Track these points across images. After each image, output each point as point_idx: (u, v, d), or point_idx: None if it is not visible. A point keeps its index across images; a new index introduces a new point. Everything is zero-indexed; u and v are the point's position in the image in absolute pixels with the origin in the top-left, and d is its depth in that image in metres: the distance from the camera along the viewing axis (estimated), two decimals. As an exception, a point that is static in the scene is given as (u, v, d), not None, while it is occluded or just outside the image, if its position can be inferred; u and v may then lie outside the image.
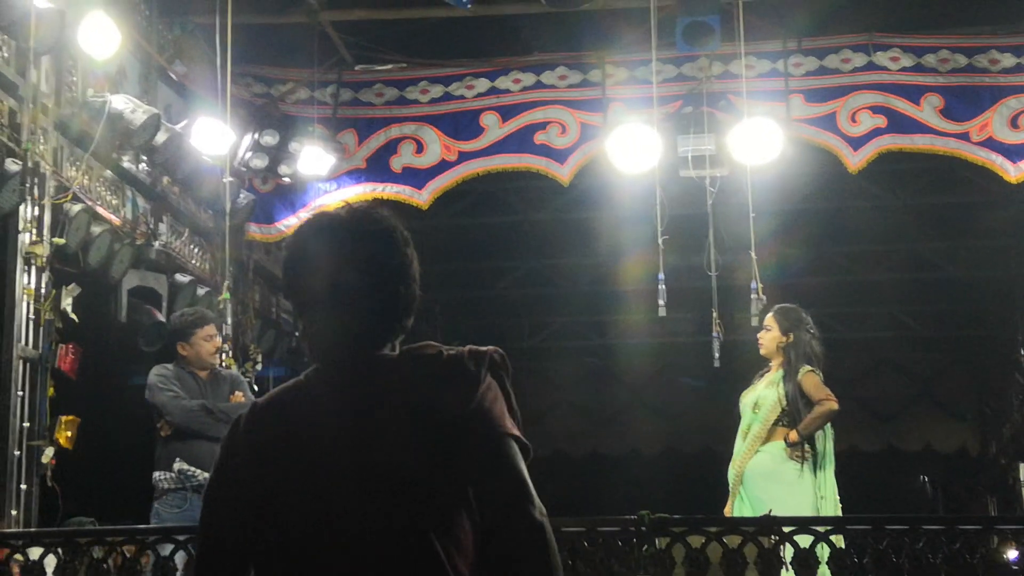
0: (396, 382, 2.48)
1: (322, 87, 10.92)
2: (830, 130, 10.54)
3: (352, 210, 2.64)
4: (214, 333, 7.56)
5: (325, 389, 2.50)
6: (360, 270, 2.54)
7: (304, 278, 2.56)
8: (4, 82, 7.59)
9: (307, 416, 2.47)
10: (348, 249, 2.55)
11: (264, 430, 2.48)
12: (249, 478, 2.45)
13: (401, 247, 2.65)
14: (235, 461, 2.49)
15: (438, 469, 2.42)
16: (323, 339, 2.54)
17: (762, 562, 4.74)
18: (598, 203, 12.96)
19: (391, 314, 2.58)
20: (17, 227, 7.60)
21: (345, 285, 2.52)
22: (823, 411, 7.16)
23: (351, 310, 2.52)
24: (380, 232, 2.61)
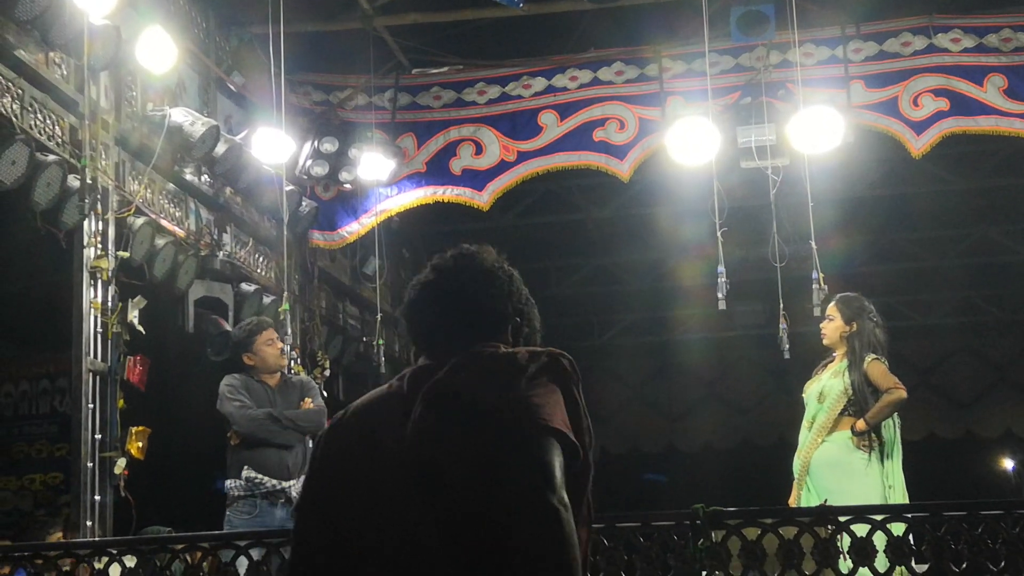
0: (450, 380, 2.55)
1: (380, 92, 10.98)
2: (892, 115, 10.42)
3: (461, 254, 2.90)
4: (275, 337, 7.62)
5: (396, 394, 2.60)
6: (467, 299, 2.78)
7: (420, 313, 2.81)
8: (64, 99, 7.71)
9: (376, 420, 2.57)
10: (457, 285, 2.80)
11: (342, 435, 2.59)
12: (327, 482, 2.55)
13: (501, 280, 2.85)
14: (317, 465, 2.59)
15: (480, 457, 2.45)
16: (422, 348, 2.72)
17: (819, 552, 4.70)
18: (660, 198, 12.92)
19: (485, 329, 2.75)
20: (82, 242, 7.72)
21: (448, 312, 2.75)
22: (891, 399, 7.07)
23: (448, 327, 2.73)
24: (484, 269, 2.85)
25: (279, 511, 7.30)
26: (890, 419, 7.14)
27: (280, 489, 7.28)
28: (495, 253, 2.92)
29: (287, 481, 7.32)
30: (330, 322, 11.71)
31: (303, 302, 11.01)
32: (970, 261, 15.88)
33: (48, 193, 7.20)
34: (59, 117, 7.69)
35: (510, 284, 2.86)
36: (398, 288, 13.67)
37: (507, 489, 2.41)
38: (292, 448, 7.41)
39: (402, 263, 13.88)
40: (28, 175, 7.00)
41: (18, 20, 7.00)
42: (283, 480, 7.31)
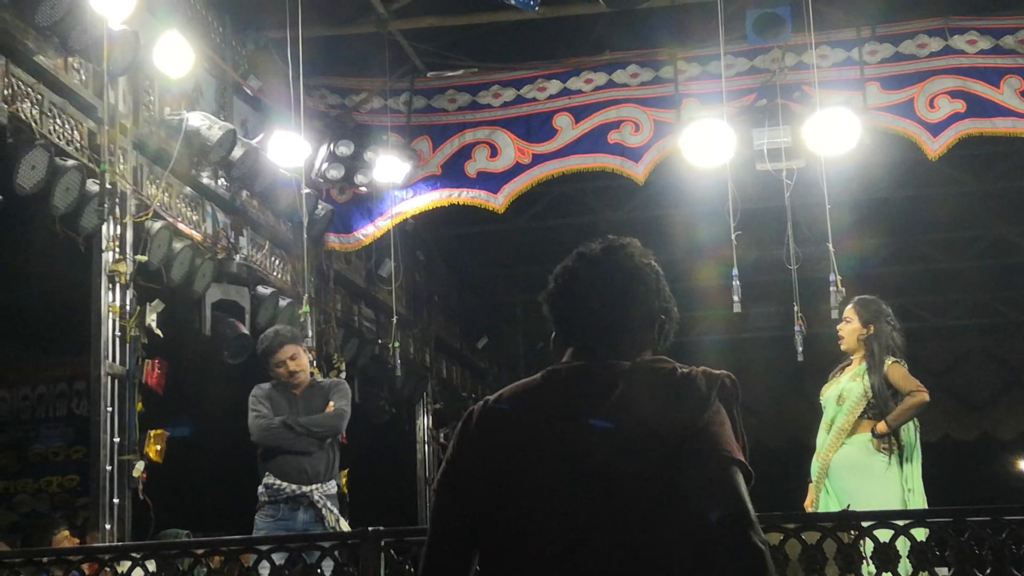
0: (627, 393, 2.56)
1: (395, 95, 11.00)
2: (908, 117, 10.41)
3: (610, 247, 2.87)
4: (285, 357, 7.60)
5: (559, 392, 2.61)
6: (618, 296, 2.77)
7: (571, 306, 2.79)
8: (82, 104, 7.74)
9: (538, 417, 2.56)
10: (608, 280, 2.78)
11: (496, 424, 2.59)
12: (479, 472, 2.57)
13: (651, 277, 2.83)
14: (466, 454, 2.61)
15: (661, 482, 2.45)
16: (572, 343, 2.71)
17: (842, 558, 4.69)
18: (674, 200, 12.90)
19: (636, 328, 2.75)
20: (100, 246, 7.75)
21: (601, 309, 2.74)
22: (914, 402, 7.06)
23: (602, 325, 2.72)
24: (635, 265, 2.82)
25: (301, 514, 7.36)
26: (910, 422, 7.13)
27: (301, 494, 7.33)
28: (641, 246, 2.91)
29: (307, 485, 7.36)
30: (346, 324, 11.73)
31: (319, 305, 11.03)
32: (986, 263, 15.85)
33: (67, 198, 7.23)
34: (78, 122, 7.72)
35: (658, 281, 2.85)
36: (413, 290, 13.70)
37: (706, 525, 2.42)
38: (311, 453, 7.44)
39: (417, 266, 13.91)
40: (47, 180, 7.03)
41: (38, 26, 7.03)
42: (303, 485, 7.35)
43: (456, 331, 15.57)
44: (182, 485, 8.94)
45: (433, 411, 14.13)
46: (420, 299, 14.10)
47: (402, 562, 5.16)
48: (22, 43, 7.13)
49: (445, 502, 2.64)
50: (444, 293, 15.11)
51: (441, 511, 2.66)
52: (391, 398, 12.86)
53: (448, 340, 15.13)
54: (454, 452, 2.66)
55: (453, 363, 15.40)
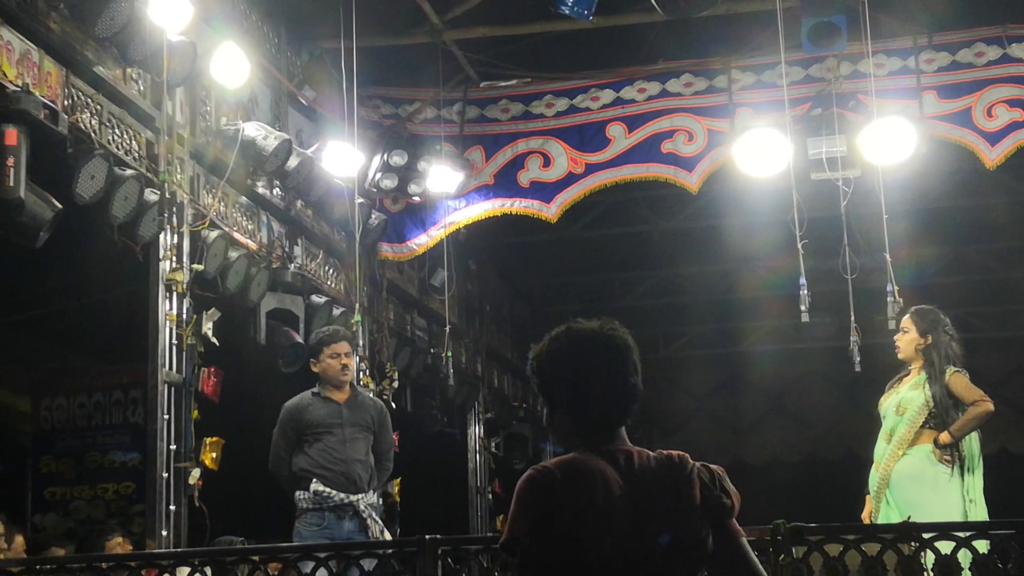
0: (656, 469, 3.05)
1: (448, 105, 11.04)
2: (965, 126, 10.32)
3: (602, 328, 3.16)
4: (342, 351, 7.62)
5: (610, 466, 2.99)
6: (615, 377, 3.10)
7: (567, 380, 3.11)
8: (141, 115, 7.82)
9: (605, 488, 2.94)
10: (605, 359, 3.10)
11: (578, 494, 2.91)
12: (570, 532, 2.89)
13: (636, 358, 3.15)
14: (557, 515, 2.90)
15: (691, 535, 3.03)
16: (584, 427, 3.07)
17: (902, 569, 4.64)
18: (727, 210, 12.87)
19: (630, 408, 3.14)
20: (157, 255, 7.81)
21: (602, 387, 3.08)
22: (979, 412, 6.97)
23: (609, 405, 3.09)
24: (625, 347, 3.13)
25: (347, 523, 7.33)
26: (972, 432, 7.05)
27: (348, 503, 7.31)
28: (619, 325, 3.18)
29: (355, 495, 7.35)
30: (398, 334, 11.76)
31: (371, 314, 11.07)
32: (1045, 273, 15.67)
33: (125, 207, 7.29)
34: (136, 132, 7.79)
35: (638, 360, 3.17)
36: (465, 300, 13.72)
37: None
38: (362, 461, 7.45)
39: (469, 275, 13.93)
40: (106, 189, 7.10)
41: (97, 37, 7.11)
42: (351, 494, 7.34)
43: (507, 340, 15.58)
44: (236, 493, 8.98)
45: (484, 420, 14.14)
46: (472, 309, 14.12)
47: (458, 570, 5.16)
48: (82, 54, 7.21)
49: (537, 558, 2.92)
50: (496, 303, 15.13)
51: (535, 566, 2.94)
52: (443, 407, 12.87)
53: (499, 349, 15.14)
54: (537, 516, 2.92)
55: (504, 372, 15.41)
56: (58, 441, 11.53)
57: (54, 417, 11.57)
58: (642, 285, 16.83)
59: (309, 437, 7.42)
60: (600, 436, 3.06)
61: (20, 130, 6.35)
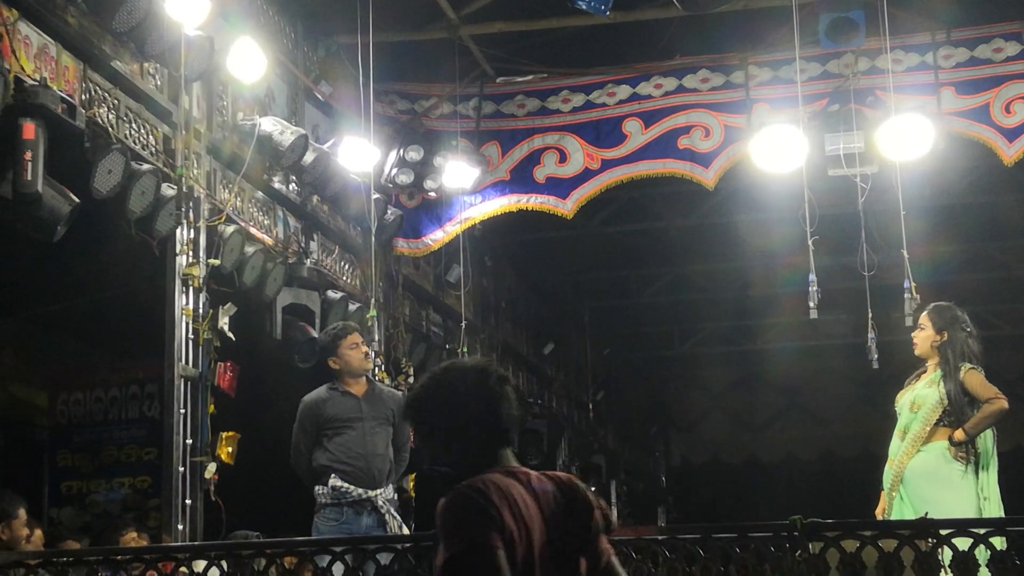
0: (554, 488, 3.21)
1: (464, 101, 11.03)
2: (983, 122, 10.28)
3: (479, 363, 3.38)
4: (359, 340, 7.63)
5: (516, 479, 3.15)
6: (502, 406, 3.27)
7: (460, 409, 3.25)
8: (158, 110, 7.83)
9: (523, 503, 3.09)
10: (491, 393, 3.27)
11: (504, 509, 3.03)
12: (504, 547, 3.00)
13: (512, 390, 3.35)
14: (493, 530, 3.00)
15: (592, 551, 3.22)
16: (479, 454, 3.23)
17: (920, 566, 4.63)
18: (744, 206, 12.84)
19: (513, 432, 3.32)
20: (174, 250, 7.82)
21: (500, 418, 3.25)
22: (993, 409, 6.95)
23: (508, 429, 3.28)
24: (503, 378, 3.32)
25: (365, 519, 7.32)
26: (987, 430, 7.02)
27: (367, 498, 7.30)
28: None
29: (374, 490, 7.34)
30: (414, 329, 11.76)
31: (387, 309, 11.08)
32: (1062, 271, 15.62)
33: (142, 201, 7.30)
34: (153, 127, 7.80)
35: (514, 393, 3.37)
36: (481, 296, 13.72)
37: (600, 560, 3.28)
38: (381, 455, 7.44)
39: (485, 271, 13.93)
40: (123, 184, 7.11)
41: (115, 31, 7.11)
42: (370, 489, 7.33)
43: (523, 337, 15.58)
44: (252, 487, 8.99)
45: (500, 416, 14.10)
46: (487, 305, 14.12)
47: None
48: (99, 48, 7.22)
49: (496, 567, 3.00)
50: (511, 299, 15.13)
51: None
52: (458, 403, 12.85)
53: (515, 346, 15.14)
54: (485, 527, 3.01)
55: (520, 368, 15.40)
56: (75, 435, 11.54)
57: (71, 412, 11.58)
58: (658, 282, 16.82)
59: (329, 431, 7.40)
60: (497, 457, 3.23)
61: (37, 124, 6.36)
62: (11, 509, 7.95)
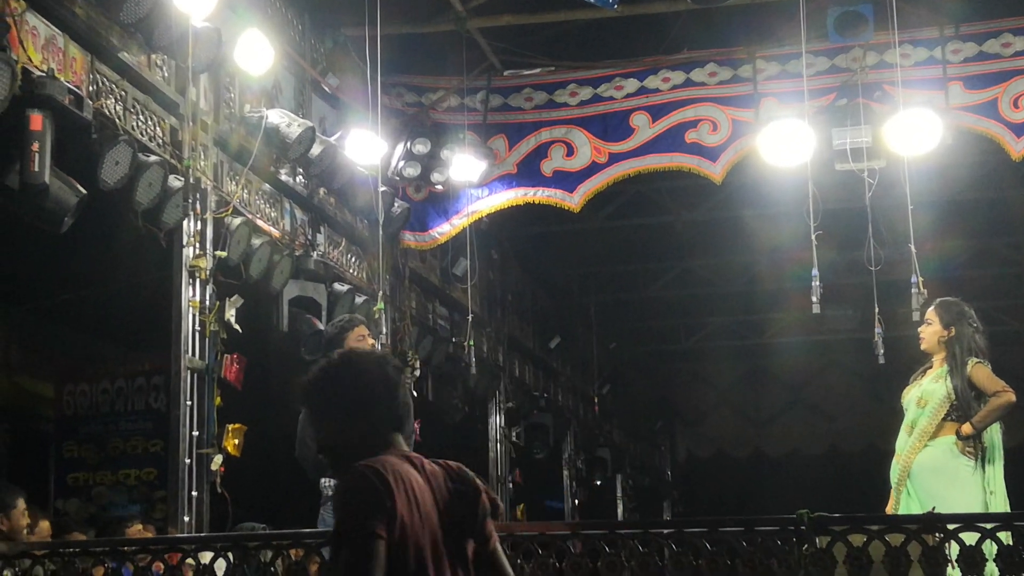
0: (446, 473, 3.34)
1: (472, 94, 11.01)
2: (991, 117, 10.26)
3: (383, 355, 3.53)
4: (365, 333, 7.63)
5: (409, 463, 3.27)
6: (402, 394, 3.40)
7: (356, 394, 3.35)
8: (165, 101, 7.83)
9: (417, 486, 3.21)
10: (389, 380, 3.38)
11: (401, 490, 3.15)
12: (401, 525, 3.12)
13: (406, 381, 3.60)
14: (391, 508, 3.11)
15: (481, 533, 3.36)
16: (376, 436, 3.32)
17: (926, 560, 4.62)
18: (752, 200, 12.82)
19: (408, 420, 3.48)
20: (181, 242, 7.82)
21: (397, 404, 3.37)
22: (1000, 403, 6.93)
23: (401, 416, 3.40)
24: (398, 368, 3.46)
25: (372, 511, 7.31)
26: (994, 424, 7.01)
27: (372, 489, 7.29)
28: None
29: (380, 482, 7.32)
30: (420, 322, 11.76)
31: (394, 302, 11.07)
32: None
33: (149, 193, 7.30)
34: (160, 118, 7.80)
35: (408, 384, 3.65)
36: (487, 289, 13.71)
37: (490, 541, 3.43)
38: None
39: (491, 264, 13.92)
40: (130, 176, 7.11)
41: (122, 23, 7.11)
42: (376, 480, 7.31)
43: (529, 330, 15.57)
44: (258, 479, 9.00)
45: (505, 410, 14.14)
46: (494, 298, 14.12)
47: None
48: (107, 40, 7.21)
49: (377, 544, 3.09)
50: (518, 292, 15.12)
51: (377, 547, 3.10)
52: (465, 396, 12.88)
53: (521, 339, 15.14)
54: (378, 505, 3.11)
55: (526, 362, 15.41)
56: (81, 427, 11.56)
57: (77, 403, 11.60)
58: (665, 276, 16.80)
59: None
60: (391, 441, 3.32)
61: (45, 115, 6.36)
62: (9, 500, 7.97)
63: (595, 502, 17.29)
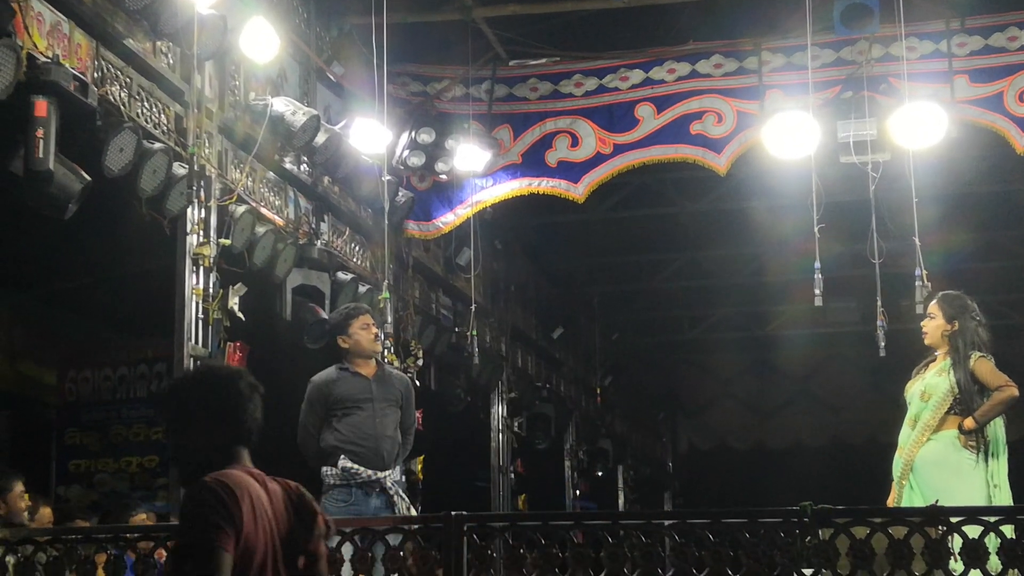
0: (285, 491, 3.47)
1: (477, 83, 11.00)
2: (997, 111, 10.24)
3: (238, 371, 3.63)
4: (370, 322, 7.63)
5: (253, 479, 3.38)
6: (252, 409, 3.51)
7: (212, 406, 3.46)
8: (170, 88, 7.82)
9: (260, 501, 3.33)
10: (240, 395, 3.49)
11: (246, 503, 3.26)
12: (246, 537, 3.24)
13: (259, 397, 3.60)
14: (237, 521, 3.22)
15: (314, 551, 3.50)
16: (224, 450, 3.43)
17: (929, 553, 4.63)
18: (756, 192, 12.82)
19: (253, 436, 3.54)
20: (185, 229, 7.82)
21: (246, 420, 3.48)
22: (1004, 397, 6.94)
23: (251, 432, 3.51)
24: (253, 384, 3.57)
25: (374, 500, 7.32)
26: (997, 418, 7.01)
27: (375, 479, 7.30)
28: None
29: (382, 471, 7.34)
30: (423, 312, 11.76)
31: (397, 292, 11.07)
32: (1074, 260, 15.55)
33: (154, 180, 7.30)
34: (165, 106, 7.80)
35: (260, 401, 3.62)
36: (491, 279, 13.72)
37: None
38: (391, 437, 7.44)
39: (495, 255, 13.91)
40: (135, 163, 7.11)
41: (128, 9, 7.10)
42: (379, 471, 7.33)
43: (532, 321, 15.57)
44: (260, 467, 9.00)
45: (508, 399, 14.15)
46: (497, 288, 14.12)
47: (484, 547, 5.17)
48: (112, 26, 7.20)
49: (224, 546, 3.20)
50: (521, 282, 15.12)
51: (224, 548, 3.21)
52: (467, 386, 12.88)
53: (524, 329, 15.14)
54: (230, 511, 3.22)
55: (529, 352, 15.41)
56: (83, 414, 11.59)
57: (79, 390, 11.62)
58: (669, 267, 16.79)
59: (338, 412, 7.39)
60: (237, 456, 3.43)
61: (50, 102, 6.36)
62: (6, 483, 8.01)
63: (596, 493, 17.31)
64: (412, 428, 7.77)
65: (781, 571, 4.86)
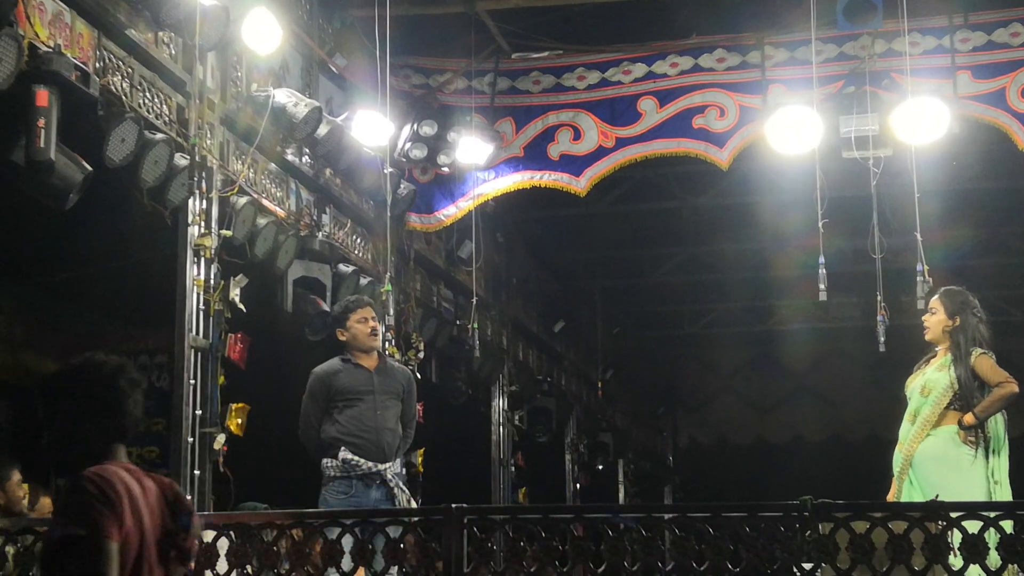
0: (155, 485, 3.46)
1: (479, 76, 10.99)
2: (999, 107, 10.22)
3: (121, 364, 3.61)
4: (369, 316, 7.63)
5: (129, 474, 3.39)
6: (131, 406, 3.51)
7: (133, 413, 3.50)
8: (172, 79, 7.81)
9: (134, 495, 3.34)
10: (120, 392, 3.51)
11: (124, 498, 3.29)
12: (127, 530, 3.29)
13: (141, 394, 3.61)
14: (122, 505, 3.28)
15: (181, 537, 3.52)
16: (99, 445, 3.46)
17: (929, 548, 4.63)
18: (758, 187, 12.80)
19: (131, 432, 3.55)
20: (186, 220, 7.82)
21: (124, 416, 3.48)
22: (1003, 393, 6.95)
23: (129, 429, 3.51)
24: (136, 380, 3.58)
25: (374, 492, 7.34)
26: (997, 414, 7.02)
27: (376, 472, 7.31)
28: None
29: (383, 464, 7.35)
30: (424, 305, 11.76)
31: (398, 284, 11.06)
32: (1077, 256, 15.55)
33: (155, 171, 7.29)
34: (167, 96, 7.79)
35: (142, 397, 3.63)
36: (492, 272, 13.71)
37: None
38: (391, 429, 7.45)
39: (497, 248, 13.91)
40: (136, 153, 7.10)
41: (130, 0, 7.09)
42: (379, 463, 7.33)
43: (534, 314, 15.58)
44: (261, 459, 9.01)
45: (509, 393, 14.15)
46: (499, 281, 14.12)
47: (484, 539, 5.17)
48: (114, 16, 7.20)
49: (111, 537, 3.25)
50: (523, 276, 15.11)
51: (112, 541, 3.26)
52: (468, 379, 12.89)
53: (525, 323, 15.14)
54: (119, 505, 3.28)
55: (530, 346, 15.41)
56: (84, 404, 11.58)
57: (80, 380, 11.61)
58: (670, 261, 16.80)
59: (339, 404, 7.41)
60: (113, 452, 3.45)
61: (51, 91, 6.35)
62: (2, 472, 8.03)
63: (597, 486, 17.32)
64: (413, 420, 7.77)
65: (781, 565, 4.86)
